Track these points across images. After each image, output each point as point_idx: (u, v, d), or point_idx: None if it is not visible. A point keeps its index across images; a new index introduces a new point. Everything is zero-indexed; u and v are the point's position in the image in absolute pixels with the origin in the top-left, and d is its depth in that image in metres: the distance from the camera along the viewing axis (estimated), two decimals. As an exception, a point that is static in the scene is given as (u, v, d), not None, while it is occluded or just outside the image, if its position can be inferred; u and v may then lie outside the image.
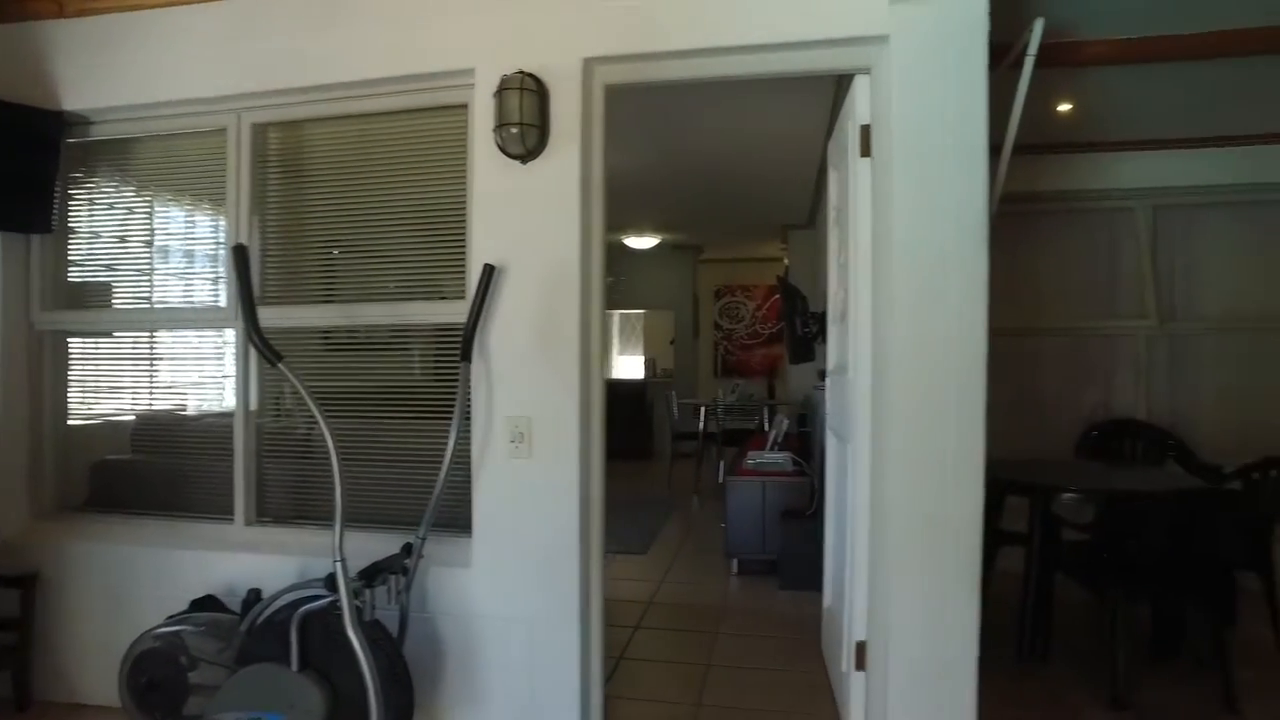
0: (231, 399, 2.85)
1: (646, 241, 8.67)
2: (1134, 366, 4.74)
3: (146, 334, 3.03)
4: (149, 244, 3.01)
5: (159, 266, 3.02)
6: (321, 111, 2.76)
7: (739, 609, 3.96)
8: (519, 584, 2.48)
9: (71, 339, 3.09)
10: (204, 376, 3.02)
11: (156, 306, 3.01)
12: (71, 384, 3.11)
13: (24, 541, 2.90)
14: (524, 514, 2.47)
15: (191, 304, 2.99)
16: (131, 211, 3.04)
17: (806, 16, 2.28)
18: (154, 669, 2.35)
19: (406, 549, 2.37)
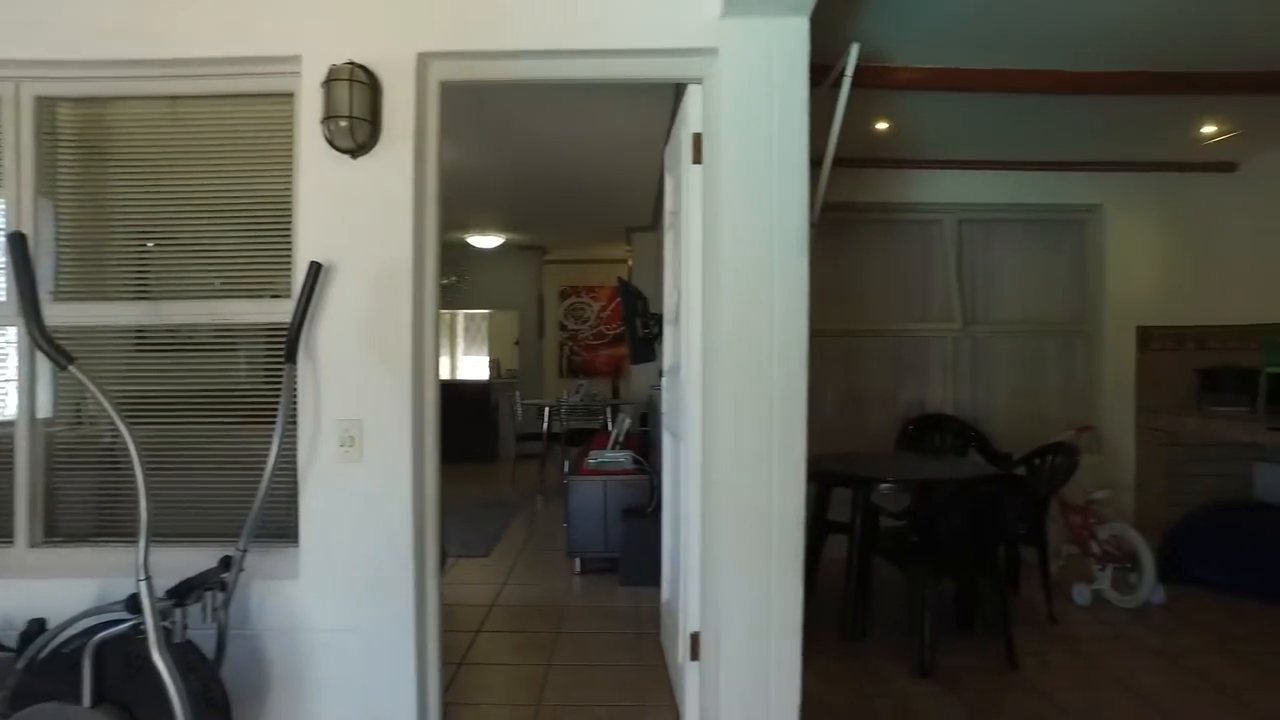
0: (14, 406, 2.54)
1: (491, 241, 8.54)
2: (943, 366, 5.21)
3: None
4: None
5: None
6: (128, 90, 2.51)
7: (581, 607, 3.99)
8: (350, 594, 2.38)
9: None
10: (-20, 381, 2.68)
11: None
12: None
13: None
14: (355, 520, 2.38)
15: (-37, 299, 2.64)
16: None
17: (642, 25, 2.34)
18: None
19: (225, 563, 2.21)
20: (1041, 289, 5.28)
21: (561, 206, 7.03)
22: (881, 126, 4.22)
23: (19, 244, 1.96)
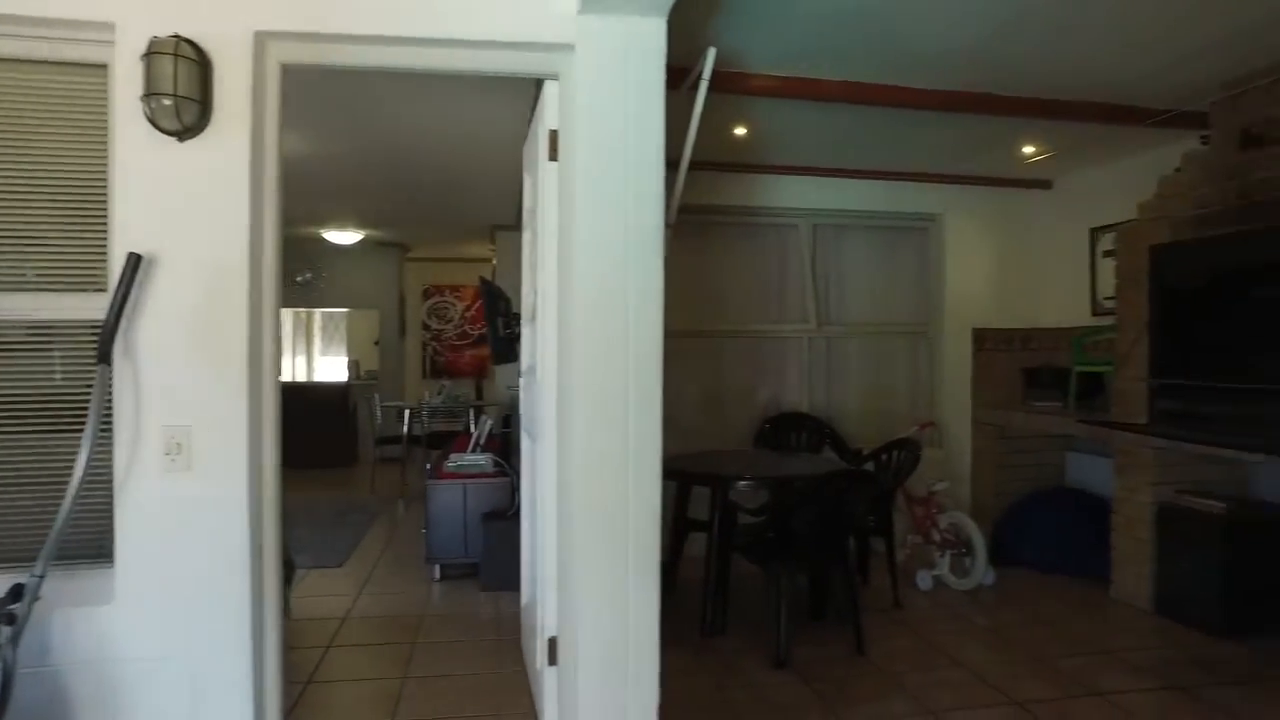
0: None
1: (349, 237, 8.15)
2: (799, 365, 5.41)
3: None
4: None
5: None
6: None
7: (440, 615, 3.87)
8: (177, 616, 2.18)
9: None
10: None
11: None
12: None
13: None
14: (182, 535, 2.18)
15: None
16: None
17: (498, 17, 2.27)
18: None
19: (15, 591, 1.97)
20: (889, 292, 5.60)
21: (423, 203, 6.80)
22: (740, 132, 4.33)
23: None
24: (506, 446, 5.25)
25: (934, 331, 5.59)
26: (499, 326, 4.49)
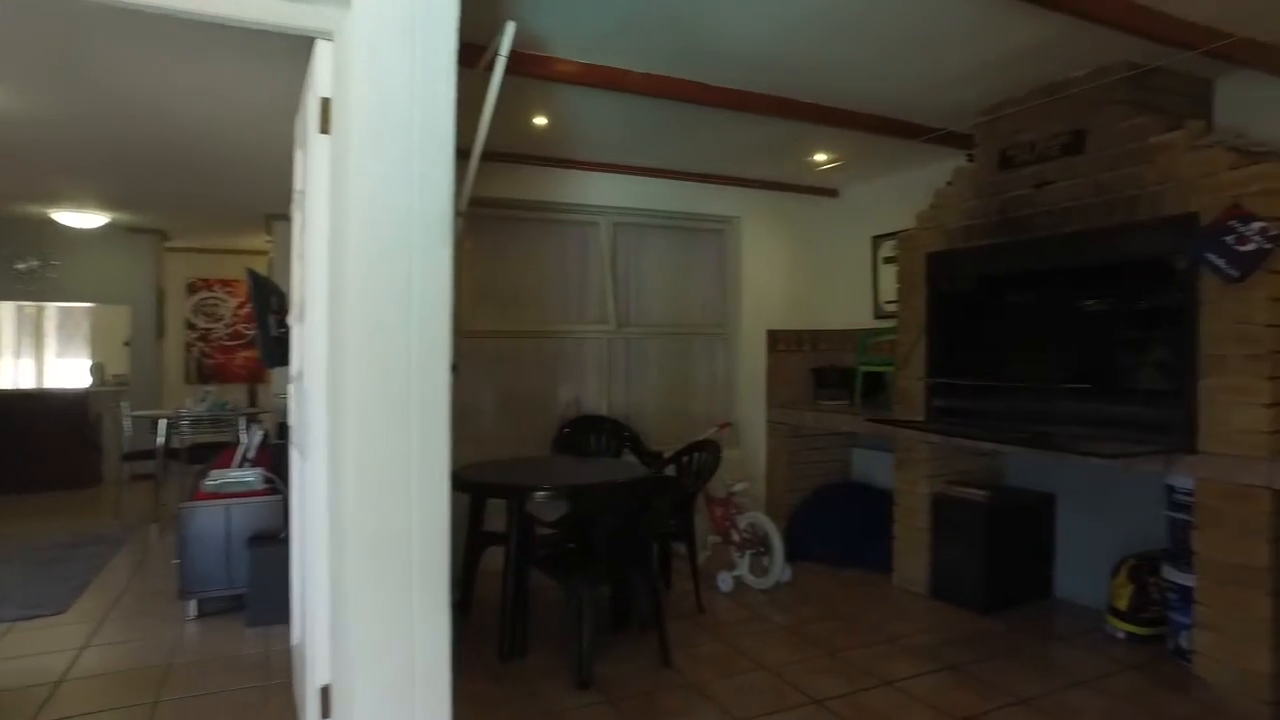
0: None
1: (91, 220, 7.00)
2: (598, 367, 5.30)
3: None
4: None
5: None
6: None
7: (193, 663, 3.31)
8: None
9: None
10: None
11: None
12: None
13: None
14: None
15: None
16: None
17: (251, -44, 1.91)
18: None
19: None
20: (688, 293, 5.64)
21: (183, 184, 5.95)
22: (540, 121, 4.13)
23: None
24: (281, 460, 4.69)
25: (731, 333, 5.70)
26: (271, 325, 4.00)
